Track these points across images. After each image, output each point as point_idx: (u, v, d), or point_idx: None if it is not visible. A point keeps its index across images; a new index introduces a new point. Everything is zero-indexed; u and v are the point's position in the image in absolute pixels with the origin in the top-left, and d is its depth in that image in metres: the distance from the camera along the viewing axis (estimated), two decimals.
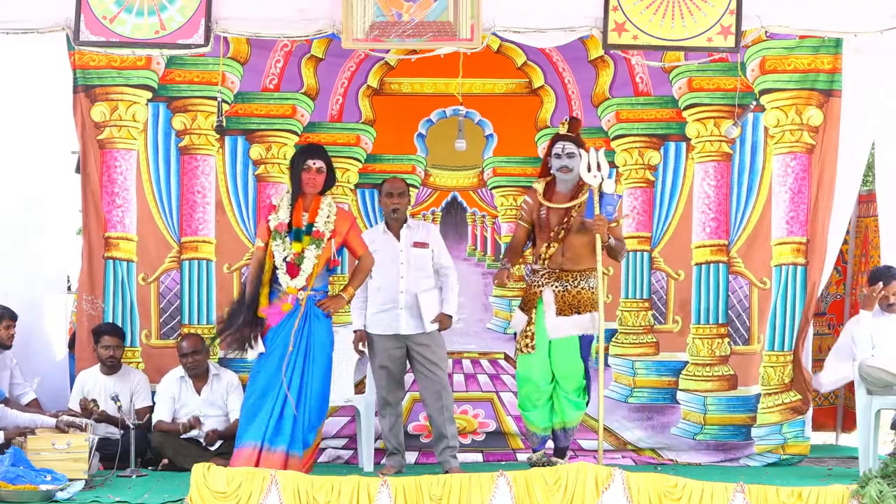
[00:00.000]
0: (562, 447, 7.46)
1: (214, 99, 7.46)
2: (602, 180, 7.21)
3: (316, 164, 7.15)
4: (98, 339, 8.09)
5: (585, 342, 7.32)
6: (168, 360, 8.20)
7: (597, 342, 7.26)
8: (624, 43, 7.16)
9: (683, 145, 8.47)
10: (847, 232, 8.86)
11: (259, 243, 7.19)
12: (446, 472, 7.35)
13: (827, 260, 8.26)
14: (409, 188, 7.91)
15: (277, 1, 7.17)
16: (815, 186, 8.25)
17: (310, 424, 7.06)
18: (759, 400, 8.29)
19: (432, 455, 7.77)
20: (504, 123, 8.61)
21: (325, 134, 8.50)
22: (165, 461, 7.79)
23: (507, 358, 8.60)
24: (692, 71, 8.34)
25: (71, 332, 8.70)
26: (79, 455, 7.10)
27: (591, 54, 8.45)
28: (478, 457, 8.44)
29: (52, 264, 8.49)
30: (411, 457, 8.13)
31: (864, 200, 9.04)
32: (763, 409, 8.29)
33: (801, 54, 8.23)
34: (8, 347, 7.91)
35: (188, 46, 7.14)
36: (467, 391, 8.55)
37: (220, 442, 7.92)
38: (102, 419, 7.79)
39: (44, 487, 6.61)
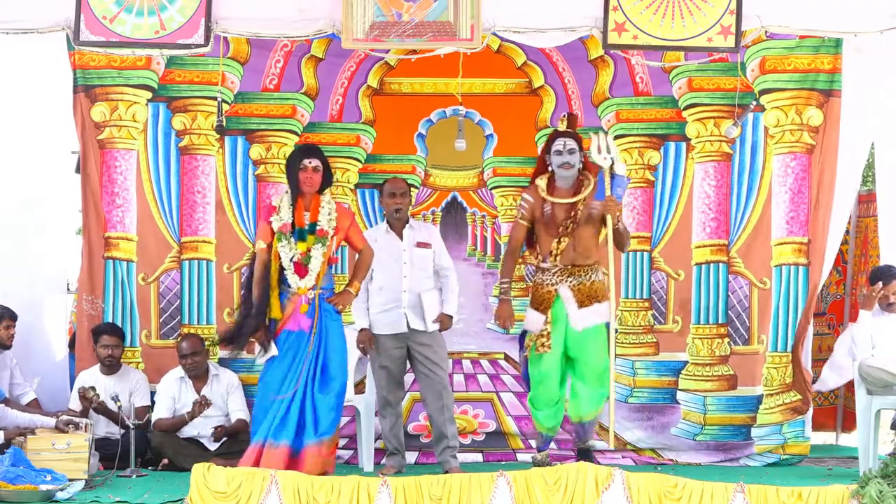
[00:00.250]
0: (585, 447, 7.40)
1: (214, 99, 7.46)
2: (612, 162, 7.23)
3: (312, 163, 7.15)
4: (97, 338, 8.09)
5: (608, 329, 7.32)
6: (168, 360, 8.19)
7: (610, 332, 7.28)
8: (624, 43, 7.16)
9: (683, 145, 8.46)
10: (847, 232, 8.87)
11: (261, 245, 7.17)
12: (446, 472, 7.35)
13: (826, 260, 8.26)
14: (410, 188, 7.92)
15: (277, 1, 7.17)
16: (815, 186, 8.25)
17: (334, 418, 7.04)
18: (762, 401, 8.29)
19: (432, 455, 7.77)
20: (504, 123, 8.61)
21: (325, 134, 8.50)
22: (165, 461, 7.79)
23: (507, 358, 8.60)
24: (692, 71, 8.34)
25: (71, 333, 8.71)
26: (79, 455, 7.10)
27: (591, 54, 8.45)
28: (478, 457, 8.43)
29: (52, 264, 8.48)
30: (411, 457, 8.13)
31: (864, 200, 9.04)
32: (763, 409, 8.29)
33: (801, 54, 8.23)
34: (8, 347, 7.91)
35: (188, 46, 7.14)
36: (467, 391, 8.55)
37: (221, 441, 7.93)
38: (101, 410, 7.79)
39: (44, 487, 6.61)
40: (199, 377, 8.06)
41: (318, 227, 7.12)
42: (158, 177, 8.43)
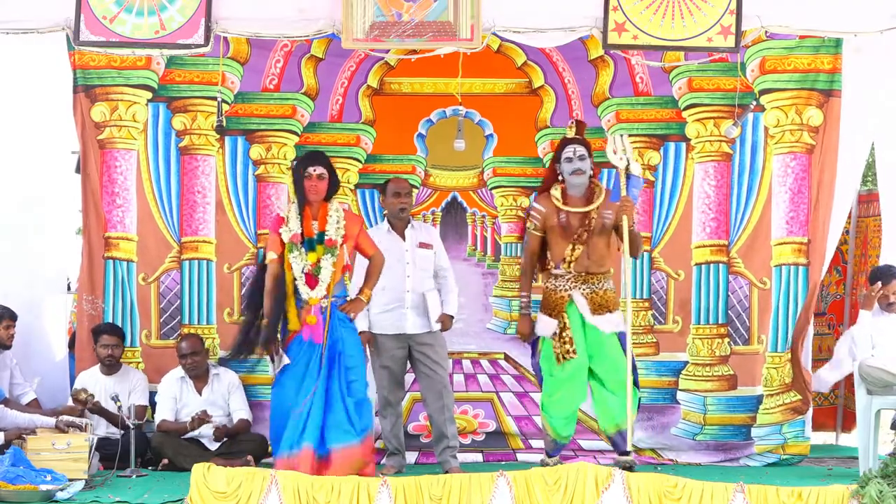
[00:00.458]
0: (623, 450, 7.35)
1: (214, 99, 7.46)
2: (628, 162, 7.23)
3: (316, 170, 7.11)
4: (97, 338, 8.10)
5: (622, 339, 7.31)
6: (168, 360, 8.19)
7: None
8: (624, 43, 7.16)
9: (683, 145, 8.46)
10: (847, 232, 8.87)
11: (272, 256, 7.10)
12: (446, 472, 7.35)
13: (825, 259, 8.25)
14: (412, 188, 7.92)
15: (277, 1, 7.17)
16: (815, 186, 8.24)
17: (362, 419, 7.02)
18: (762, 401, 8.29)
19: (432, 455, 7.78)
20: (504, 123, 8.61)
21: (325, 134, 8.50)
22: (165, 461, 7.79)
23: (507, 358, 8.60)
24: (692, 71, 8.34)
25: (71, 332, 8.70)
26: (79, 455, 7.10)
27: (591, 54, 8.45)
28: (478, 457, 8.43)
29: (52, 264, 8.48)
30: (411, 457, 8.13)
31: (864, 200, 9.03)
32: (763, 409, 8.28)
33: (801, 54, 8.23)
34: (8, 347, 7.91)
35: (188, 46, 7.15)
36: (467, 391, 8.55)
37: (221, 441, 7.93)
38: (96, 410, 7.79)
39: (44, 487, 6.61)
40: (199, 377, 8.07)
41: (326, 237, 7.08)
42: (158, 177, 8.43)
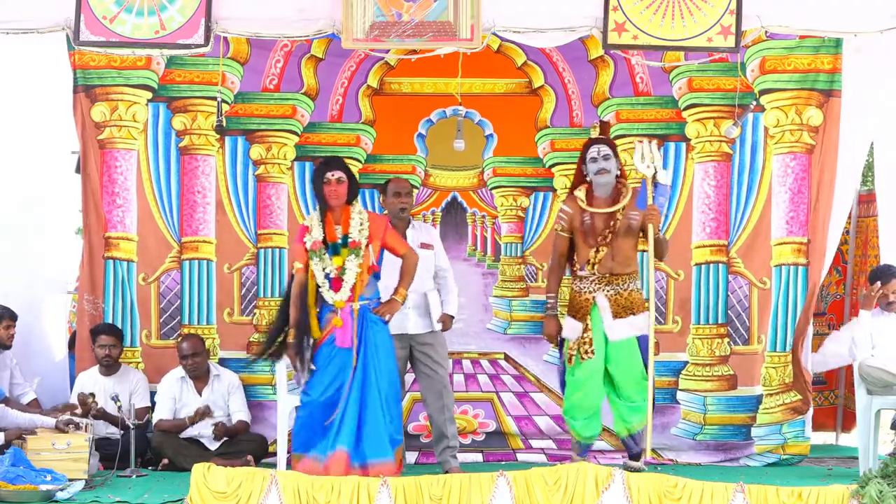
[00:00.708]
0: (635, 453, 7.36)
1: (214, 99, 7.46)
2: (655, 170, 7.22)
3: (335, 175, 7.02)
4: (95, 338, 8.10)
5: (643, 343, 7.29)
6: (168, 360, 8.20)
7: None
8: (624, 43, 7.16)
9: (683, 145, 8.46)
10: (847, 232, 8.87)
11: (298, 266, 7.04)
12: (446, 472, 7.35)
13: (825, 260, 8.25)
14: (412, 188, 7.92)
15: (277, 1, 7.17)
16: (815, 186, 8.24)
17: (395, 427, 7.00)
18: (762, 401, 8.29)
19: (432, 455, 7.77)
20: (504, 123, 8.61)
21: (325, 134, 8.51)
22: (165, 461, 7.79)
23: (507, 358, 8.60)
24: (692, 71, 8.34)
25: (70, 332, 8.70)
26: (79, 455, 7.11)
27: (591, 54, 8.45)
28: (478, 457, 8.43)
29: (52, 264, 8.49)
30: (411, 457, 8.13)
31: (864, 200, 9.03)
32: (763, 409, 8.29)
33: (801, 54, 8.23)
34: (8, 347, 7.91)
35: (188, 46, 7.14)
36: (467, 391, 8.55)
37: (221, 441, 7.93)
38: (100, 416, 7.79)
39: (44, 487, 6.61)
40: (199, 377, 8.07)
41: (350, 239, 6.99)
42: (159, 177, 8.43)
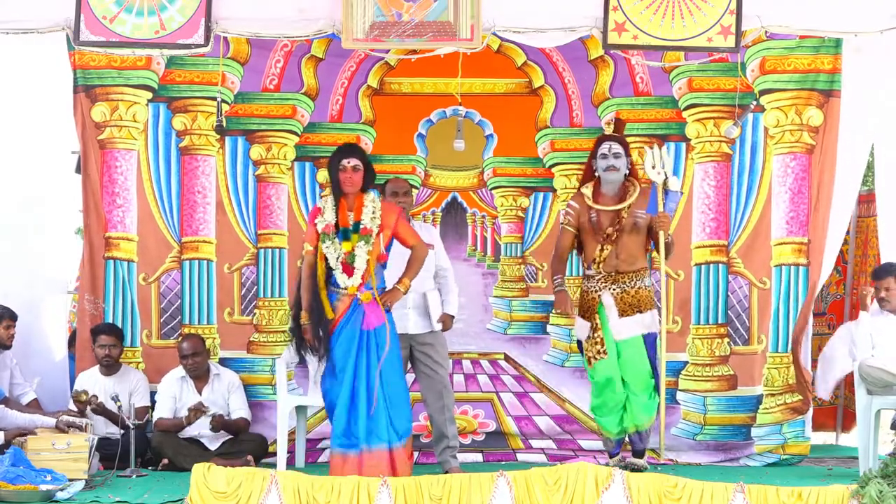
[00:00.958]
0: (639, 450, 7.39)
1: (214, 99, 7.46)
2: (666, 177, 7.23)
3: (350, 162, 7.06)
4: (95, 338, 8.10)
5: (650, 341, 7.30)
6: (169, 360, 8.20)
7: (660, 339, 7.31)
8: (624, 43, 7.16)
9: (683, 145, 8.46)
10: (847, 232, 8.87)
11: (308, 248, 7.08)
12: (446, 472, 7.35)
13: (826, 260, 8.24)
14: (412, 188, 7.92)
15: (277, 1, 7.17)
16: (815, 187, 8.24)
17: (404, 415, 7.01)
18: (762, 401, 8.29)
19: (432, 455, 7.77)
20: (504, 123, 8.61)
21: (325, 134, 8.51)
22: (165, 461, 7.79)
23: (507, 358, 8.60)
24: (692, 71, 8.34)
25: (70, 332, 8.70)
26: (79, 455, 7.10)
27: (591, 54, 8.45)
28: (478, 457, 8.43)
29: (52, 264, 8.48)
30: None
31: (864, 200, 9.03)
32: (763, 409, 8.28)
33: (801, 54, 8.23)
34: (8, 347, 7.91)
35: (188, 46, 7.14)
36: (467, 391, 8.55)
37: (221, 442, 7.93)
38: (99, 411, 7.79)
39: (44, 487, 6.61)
40: (200, 377, 8.07)
41: (361, 226, 7.03)
42: (159, 177, 8.43)
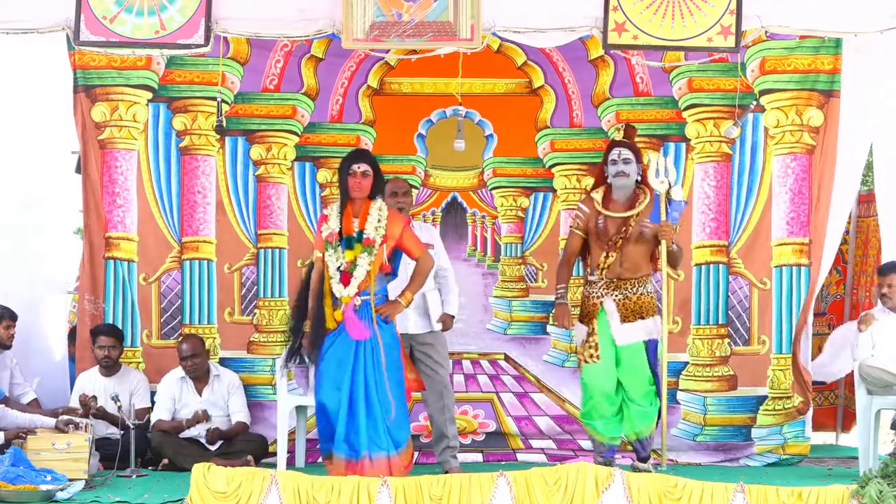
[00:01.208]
0: (643, 456, 7.39)
1: (214, 99, 7.46)
2: (670, 186, 7.24)
3: (360, 168, 6.93)
4: (95, 339, 8.09)
5: (651, 347, 7.29)
6: (169, 361, 8.20)
7: (661, 345, 7.30)
8: (624, 43, 7.15)
9: (683, 146, 8.46)
10: (847, 232, 8.87)
11: (317, 254, 6.97)
12: (446, 472, 7.35)
13: (825, 260, 8.25)
14: (411, 188, 7.92)
15: (277, 1, 7.17)
16: (815, 187, 8.24)
17: (398, 424, 6.88)
18: (762, 401, 8.28)
19: (432, 455, 7.77)
20: (504, 123, 8.61)
21: (325, 134, 8.51)
22: (165, 461, 7.79)
23: (507, 358, 8.61)
24: (692, 71, 8.34)
25: (70, 331, 8.69)
26: (79, 455, 7.10)
27: (591, 54, 8.45)
28: (478, 457, 8.43)
29: (52, 264, 8.49)
30: None
31: (864, 200, 9.04)
32: (763, 409, 8.28)
33: (801, 55, 8.23)
34: (8, 347, 7.91)
35: (188, 46, 7.14)
36: (467, 391, 8.55)
37: (221, 442, 7.93)
38: (100, 416, 7.79)
39: (44, 487, 6.61)
40: (199, 378, 8.07)
41: (364, 236, 6.88)
42: (159, 177, 8.43)
